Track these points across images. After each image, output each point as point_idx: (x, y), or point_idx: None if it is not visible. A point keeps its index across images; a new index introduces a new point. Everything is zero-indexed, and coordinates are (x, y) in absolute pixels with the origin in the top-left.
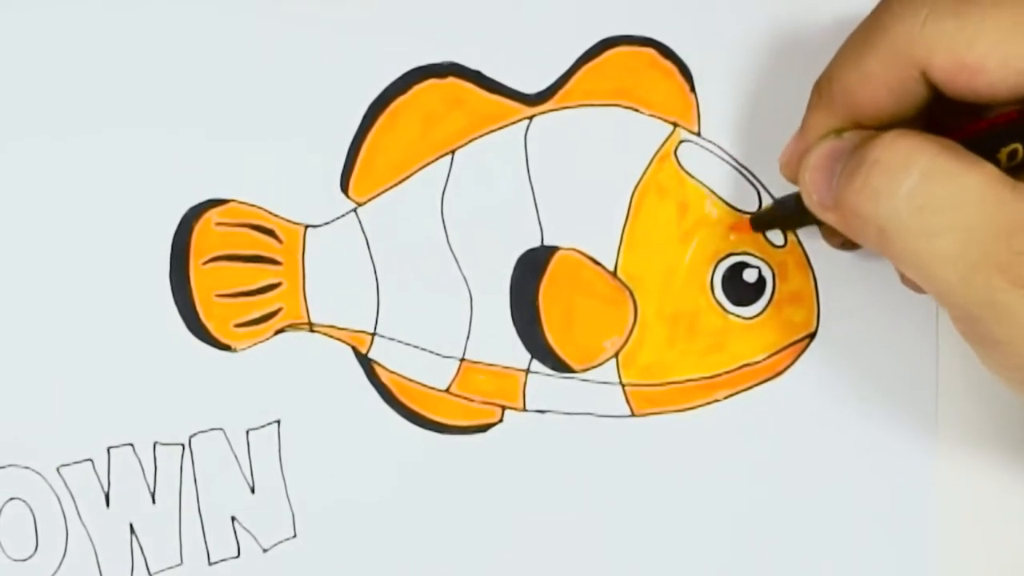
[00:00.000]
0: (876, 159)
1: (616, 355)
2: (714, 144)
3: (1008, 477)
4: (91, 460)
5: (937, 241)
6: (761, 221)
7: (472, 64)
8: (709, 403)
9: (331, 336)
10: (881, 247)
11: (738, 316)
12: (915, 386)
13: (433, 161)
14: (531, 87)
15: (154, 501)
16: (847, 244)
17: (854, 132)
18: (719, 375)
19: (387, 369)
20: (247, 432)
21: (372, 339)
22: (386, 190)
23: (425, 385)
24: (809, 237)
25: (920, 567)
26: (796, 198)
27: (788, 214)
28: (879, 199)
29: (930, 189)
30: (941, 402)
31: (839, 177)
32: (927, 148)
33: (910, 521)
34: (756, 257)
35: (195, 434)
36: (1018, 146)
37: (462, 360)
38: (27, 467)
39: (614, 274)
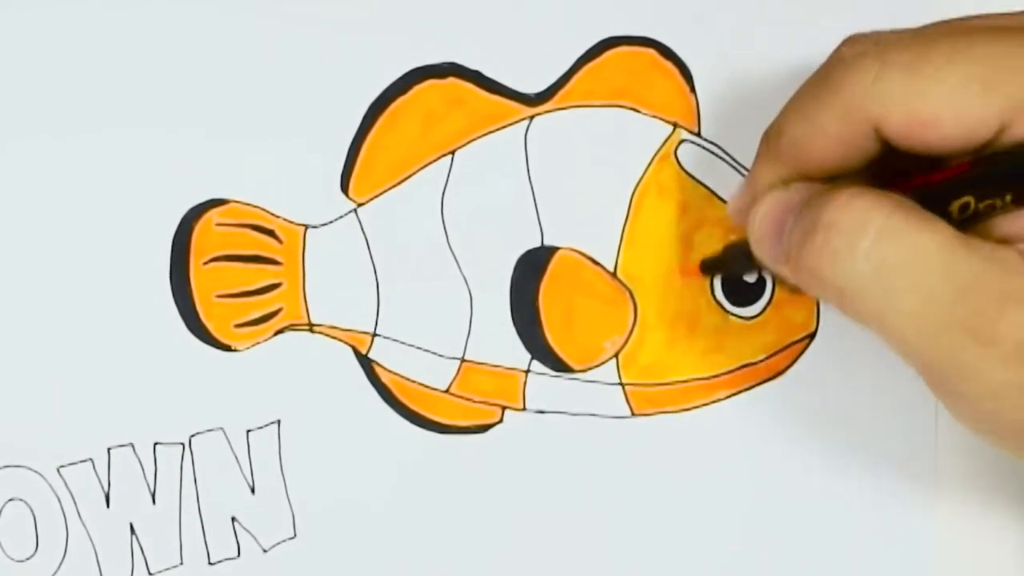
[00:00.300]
0: (831, 221)
1: (616, 355)
2: (714, 144)
3: (1007, 472)
4: (91, 460)
5: (897, 301)
6: (711, 266)
7: (472, 64)
8: (709, 403)
9: (331, 336)
10: (841, 307)
11: (738, 316)
12: (915, 386)
13: (433, 161)
14: (531, 87)
15: (154, 501)
16: (799, 290)
17: (802, 185)
18: (719, 375)
19: (387, 369)
20: (247, 432)
21: (372, 339)
22: (386, 190)
23: (425, 385)
24: None
25: (920, 566)
26: (747, 245)
27: (739, 261)
28: (837, 261)
29: (885, 249)
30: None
31: (791, 234)
32: (881, 207)
33: (910, 521)
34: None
35: (195, 434)
36: (970, 199)
37: (462, 360)
38: (27, 467)
39: (614, 274)
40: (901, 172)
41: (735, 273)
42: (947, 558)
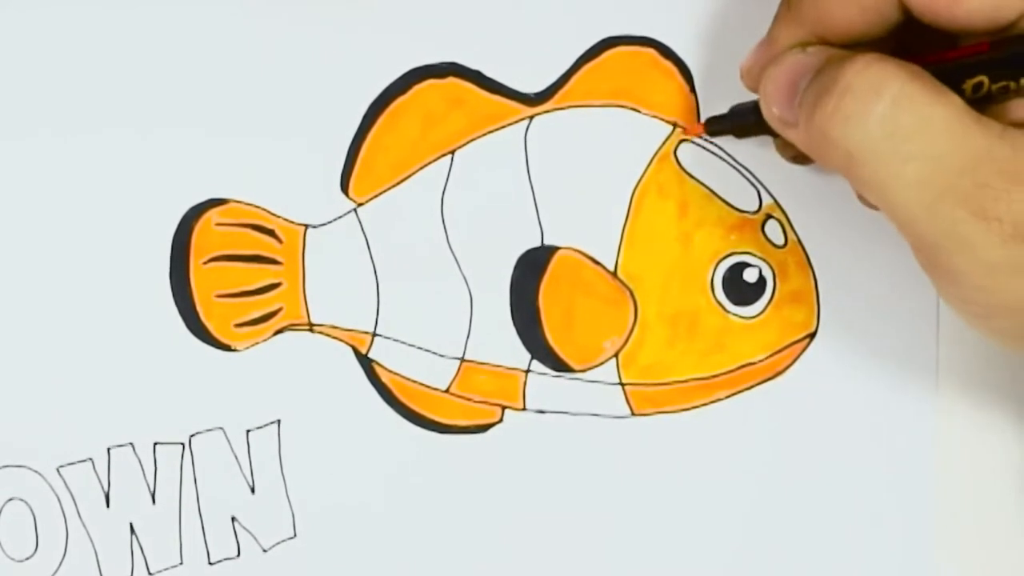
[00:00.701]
0: (848, 84)
1: (616, 355)
2: (714, 144)
3: (1006, 476)
4: (91, 460)
5: (904, 168)
6: (717, 127)
7: (472, 64)
8: (709, 403)
9: (331, 336)
10: (847, 171)
11: (738, 316)
12: (915, 386)
13: (433, 161)
14: (531, 87)
15: (154, 501)
16: (799, 158)
17: (819, 48)
18: (719, 375)
19: (387, 369)
20: (247, 432)
21: (372, 339)
22: (386, 190)
23: (425, 385)
24: (809, 237)
25: (919, 567)
26: (755, 107)
27: (745, 123)
28: (849, 124)
29: (899, 116)
30: (941, 402)
31: (805, 95)
32: (898, 75)
33: (909, 521)
34: (756, 257)
35: (195, 434)
36: (984, 79)
37: (462, 360)
38: (27, 467)
39: (614, 274)
40: (919, 48)
41: (741, 134)
42: (947, 558)
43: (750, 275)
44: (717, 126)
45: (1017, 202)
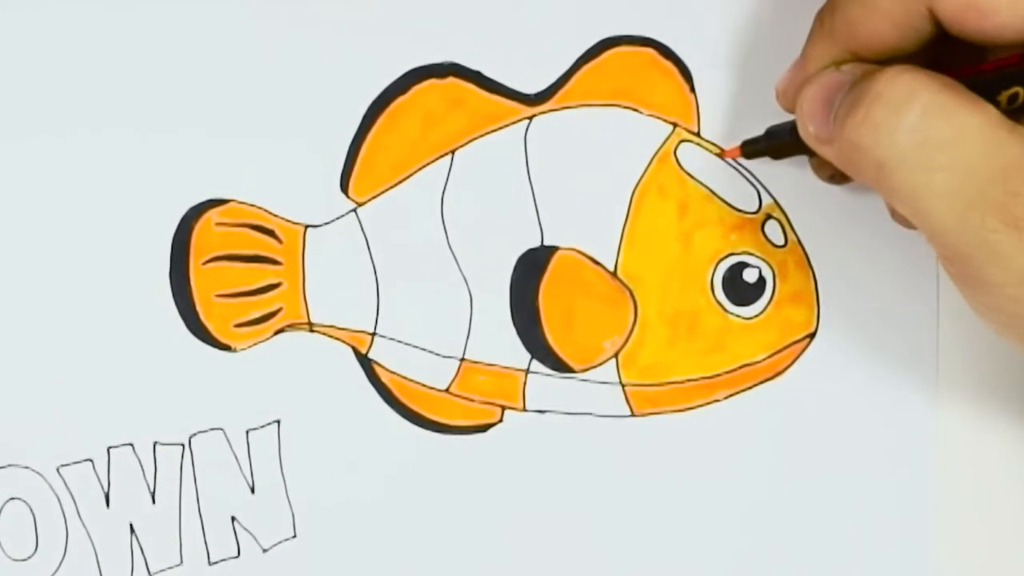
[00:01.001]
0: (878, 93)
1: (616, 355)
2: (714, 144)
3: (1007, 477)
4: (91, 460)
5: (935, 177)
6: (754, 149)
7: (472, 64)
8: (709, 403)
9: (331, 336)
10: (877, 181)
11: (738, 316)
12: (915, 386)
13: (433, 161)
14: (531, 87)
15: (154, 501)
16: (836, 177)
17: (854, 65)
18: (719, 375)
19: (387, 369)
20: (247, 432)
21: (372, 339)
22: (386, 190)
23: (425, 385)
24: (809, 237)
25: (919, 567)
26: (791, 128)
27: (781, 143)
28: (879, 132)
29: (931, 125)
30: (941, 402)
31: (838, 109)
32: (930, 84)
33: (909, 521)
34: (756, 257)
35: (195, 434)
36: (1019, 89)
37: (462, 360)
38: (27, 467)
39: (614, 274)
40: (952, 61)
41: (778, 155)
42: (947, 558)
43: (750, 275)
44: (753, 148)
45: None
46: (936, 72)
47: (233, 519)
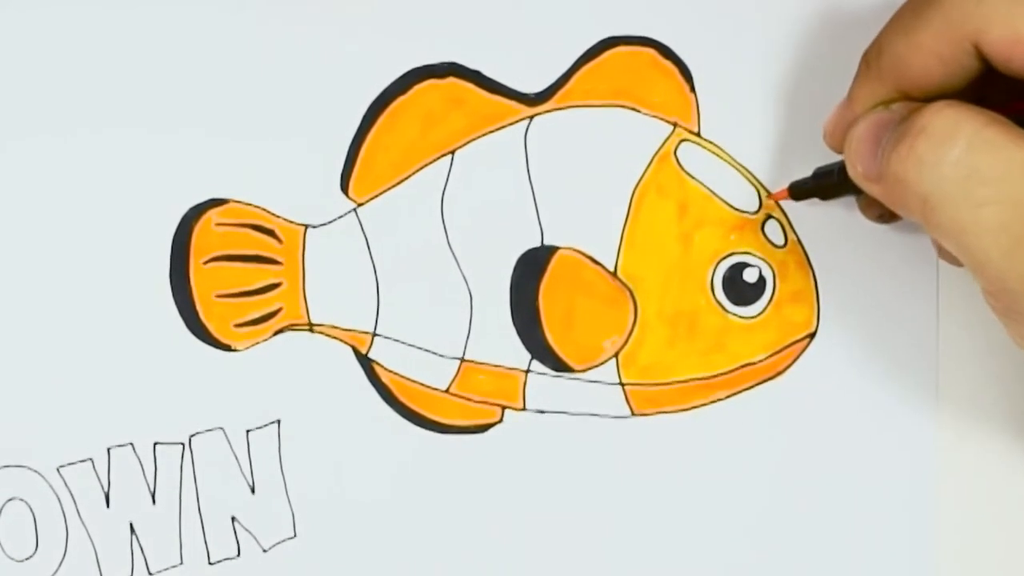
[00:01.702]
0: (923, 127)
1: (616, 355)
2: (714, 144)
3: (1007, 478)
4: (91, 460)
5: (981, 212)
6: (801, 190)
7: (472, 64)
8: (709, 403)
9: (331, 336)
10: (923, 216)
11: (738, 316)
12: (915, 386)
13: (433, 161)
14: (531, 87)
15: (154, 501)
16: (885, 216)
17: (902, 104)
18: (719, 375)
19: (387, 369)
20: (247, 432)
21: (372, 339)
22: (386, 190)
23: (425, 385)
24: (809, 237)
25: (920, 567)
26: (839, 168)
27: (830, 183)
28: (924, 167)
29: (976, 159)
30: (941, 402)
31: (885, 145)
32: (975, 119)
33: (910, 521)
34: (756, 257)
35: (195, 434)
36: None
37: (462, 360)
38: (27, 467)
39: (614, 274)
40: (1000, 98)
41: (826, 196)
42: (948, 558)
43: (750, 275)
44: (801, 189)
45: None
46: (983, 108)
47: (233, 519)
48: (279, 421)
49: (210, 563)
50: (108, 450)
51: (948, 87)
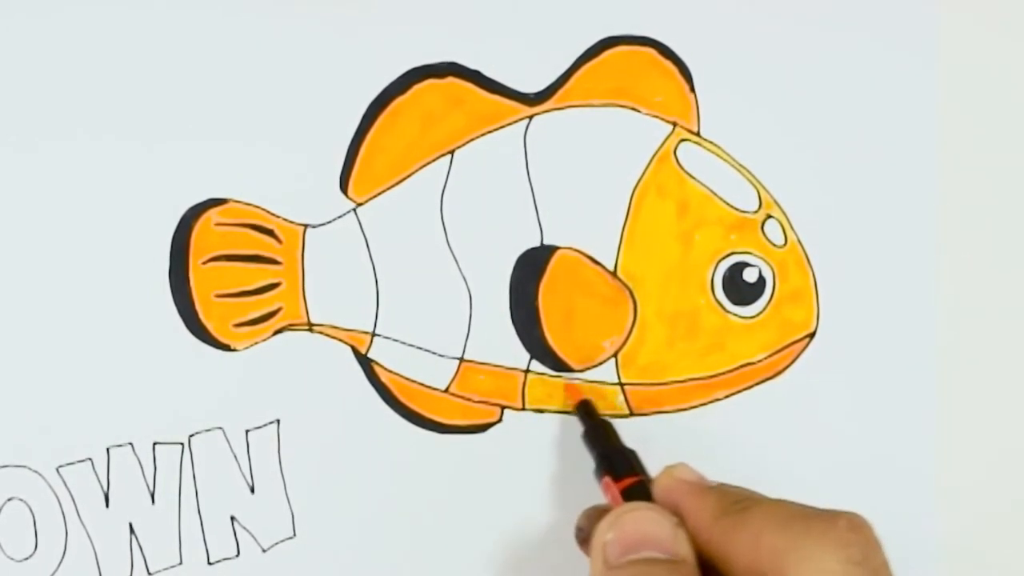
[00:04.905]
0: None
1: (616, 355)
2: (714, 144)
3: (1007, 478)
4: (90, 460)
5: None
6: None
7: (471, 64)
8: (708, 403)
9: (331, 336)
10: None
11: (738, 316)
12: (914, 386)
13: (432, 161)
14: (531, 87)
15: (153, 501)
16: None
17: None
18: (719, 375)
19: (387, 369)
20: (246, 432)
21: (371, 339)
22: (385, 190)
23: (425, 385)
24: (809, 237)
25: (920, 566)
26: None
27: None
28: None
29: None
30: (940, 402)
31: None
32: None
33: (910, 521)
34: (756, 257)
35: (194, 434)
36: None
37: (461, 360)
38: (27, 467)
39: (614, 274)
40: None
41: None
42: (948, 557)
43: (750, 275)
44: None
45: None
46: None
47: (232, 519)
48: (278, 421)
49: (209, 563)
50: (107, 450)
51: None
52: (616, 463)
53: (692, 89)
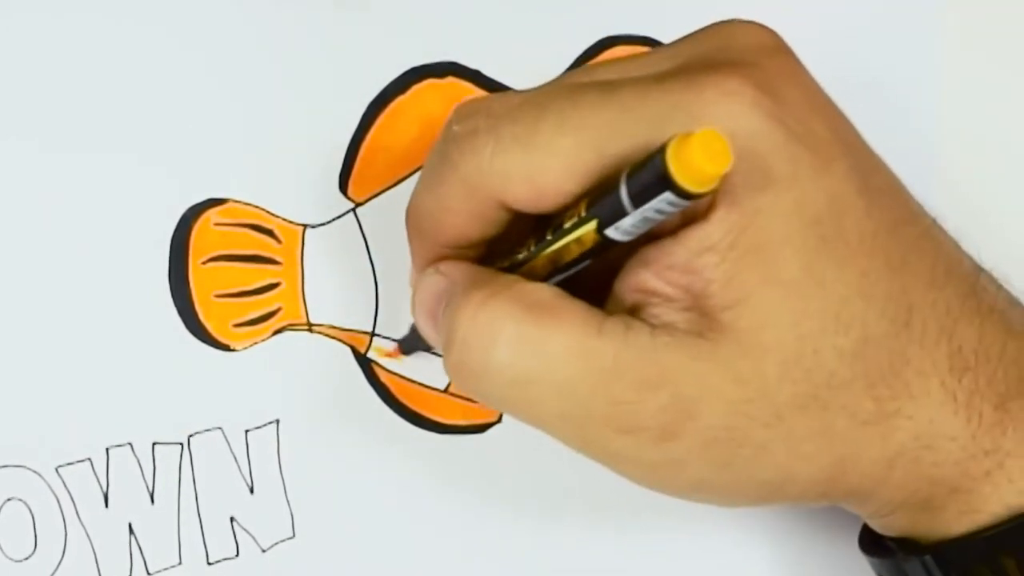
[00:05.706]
0: (464, 338)
1: None
2: None
3: None
4: (90, 460)
5: (540, 407)
6: (409, 345)
7: (471, 64)
8: None
9: (330, 336)
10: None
11: None
12: None
13: None
14: (531, 86)
15: (153, 501)
16: None
17: (450, 266)
18: None
19: (386, 369)
20: (246, 432)
21: (371, 339)
22: (385, 190)
23: (424, 385)
24: None
25: None
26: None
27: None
28: (474, 377)
29: (518, 361)
30: None
31: (440, 332)
32: (510, 314)
33: None
34: None
35: (194, 434)
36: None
37: None
38: (26, 467)
39: None
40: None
41: (432, 350)
42: None
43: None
44: (408, 343)
45: (653, 406)
46: (521, 279)
47: (232, 519)
48: (278, 421)
49: (209, 563)
50: (107, 450)
51: (487, 236)
52: None
53: None
